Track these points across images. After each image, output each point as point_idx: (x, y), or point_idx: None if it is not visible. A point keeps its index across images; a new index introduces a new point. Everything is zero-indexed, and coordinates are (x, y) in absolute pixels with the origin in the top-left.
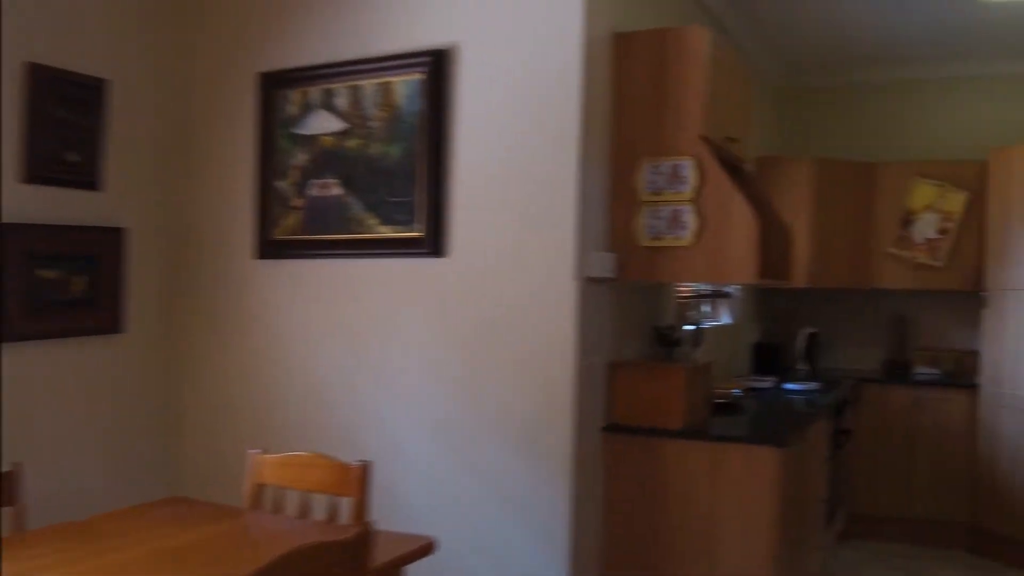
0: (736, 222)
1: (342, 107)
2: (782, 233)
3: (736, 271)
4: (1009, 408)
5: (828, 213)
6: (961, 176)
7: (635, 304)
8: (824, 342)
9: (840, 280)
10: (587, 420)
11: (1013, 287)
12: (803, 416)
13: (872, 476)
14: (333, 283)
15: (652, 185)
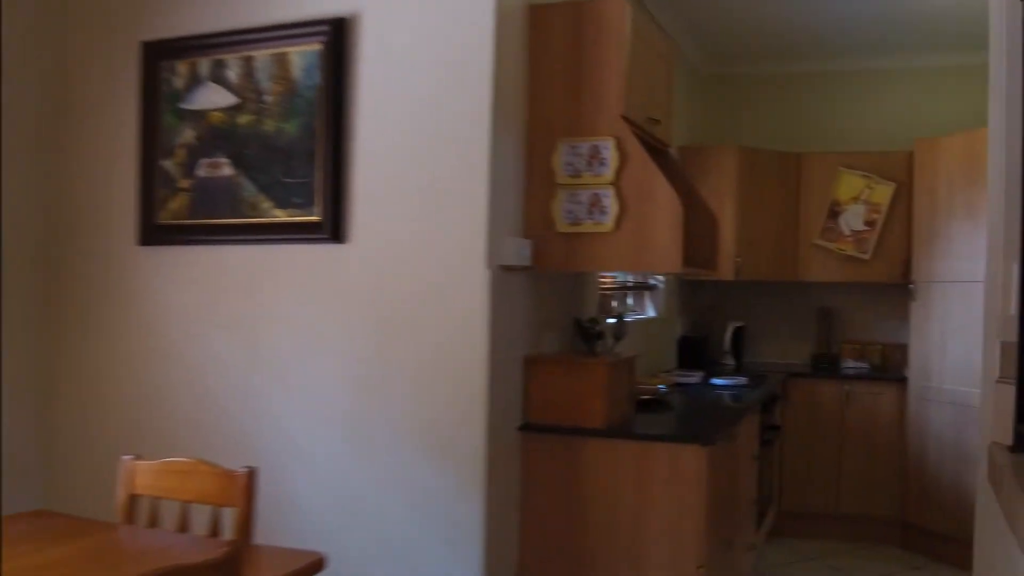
0: (660, 207)
1: (233, 80)
2: (708, 221)
3: (660, 260)
4: (936, 402)
5: (754, 204)
6: (888, 167)
7: (554, 295)
8: (751, 335)
9: (767, 272)
10: (501, 419)
11: (940, 279)
12: (731, 413)
13: (802, 472)
14: (224, 272)
15: (570, 167)
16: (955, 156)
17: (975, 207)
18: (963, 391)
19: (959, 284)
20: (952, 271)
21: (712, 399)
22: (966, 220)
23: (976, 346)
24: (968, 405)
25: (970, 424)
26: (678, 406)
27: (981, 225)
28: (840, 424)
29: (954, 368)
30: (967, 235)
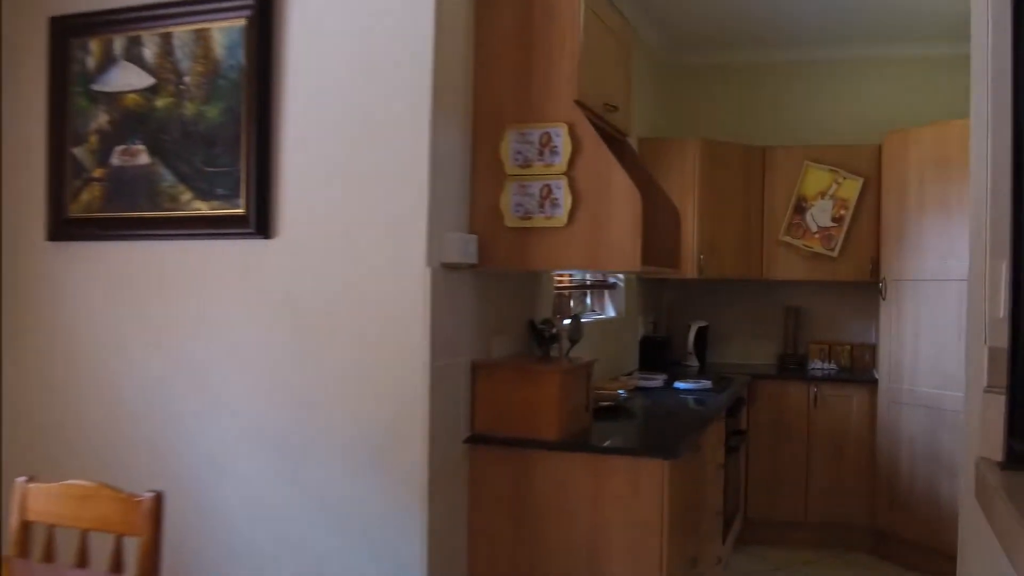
0: (617, 200)
1: (150, 59)
2: (670, 216)
3: (618, 257)
4: (908, 405)
5: (717, 200)
6: (855, 161)
7: (505, 295)
8: (715, 336)
9: (731, 270)
10: (445, 431)
11: (910, 277)
12: (695, 419)
13: (769, 478)
14: (140, 270)
15: (519, 156)
16: (926, 149)
17: (948, 202)
18: (935, 393)
19: (931, 283)
20: (923, 269)
21: (675, 405)
22: (938, 215)
23: (949, 347)
24: (941, 408)
25: (943, 428)
26: (640, 413)
27: (954, 221)
28: (808, 428)
29: (926, 370)
30: (939, 231)
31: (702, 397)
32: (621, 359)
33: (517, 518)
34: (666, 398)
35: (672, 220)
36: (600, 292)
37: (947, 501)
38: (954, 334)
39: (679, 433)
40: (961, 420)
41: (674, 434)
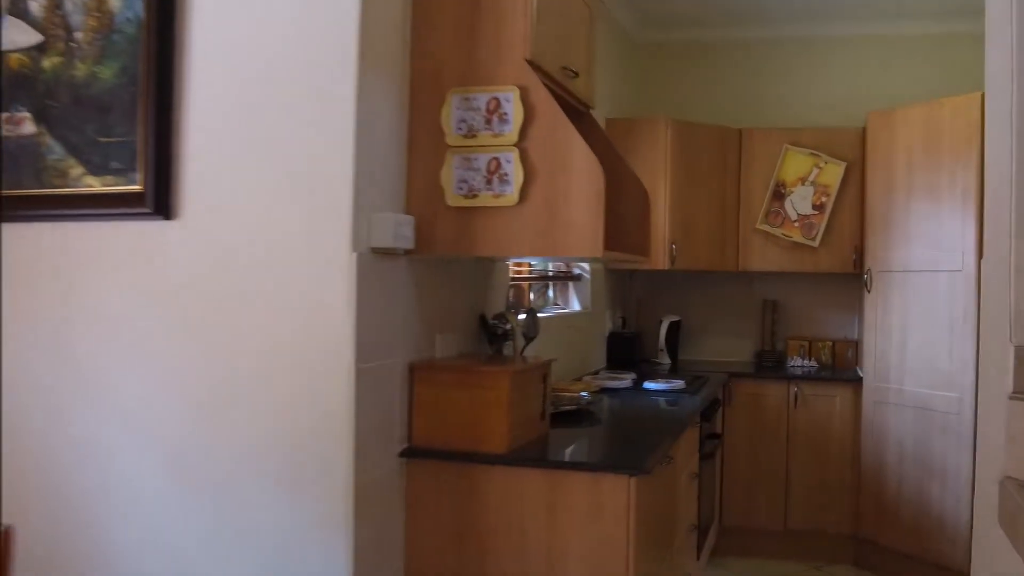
0: (576, 176)
1: (37, 12)
2: (639, 199)
3: (576, 242)
4: (895, 405)
5: (690, 185)
6: (838, 145)
7: (451, 286)
8: (688, 331)
9: (705, 261)
10: (376, 443)
11: (897, 268)
12: (666, 426)
13: (746, 485)
14: (24, 256)
15: (464, 125)
16: (914, 130)
17: (938, 187)
18: (925, 393)
19: (919, 274)
20: (911, 259)
21: (645, 409)
22: (927, 201)
23: (939, 344)
24: (931, 409)
25: (934, 430)
26: (605, 419)
27: (944, 207)
28: (788, 430)
29: (915, 368)
30: (928, 219)
31: (674, 399)
32: (587, 357)
33: (462, 541)
34: (635, 400)
35: (641, 204)
36: (564, 284)
37: (937, 509)
38: (945, 329)
39: (648, 443)
40: (953, 422)
41: (642, 445)
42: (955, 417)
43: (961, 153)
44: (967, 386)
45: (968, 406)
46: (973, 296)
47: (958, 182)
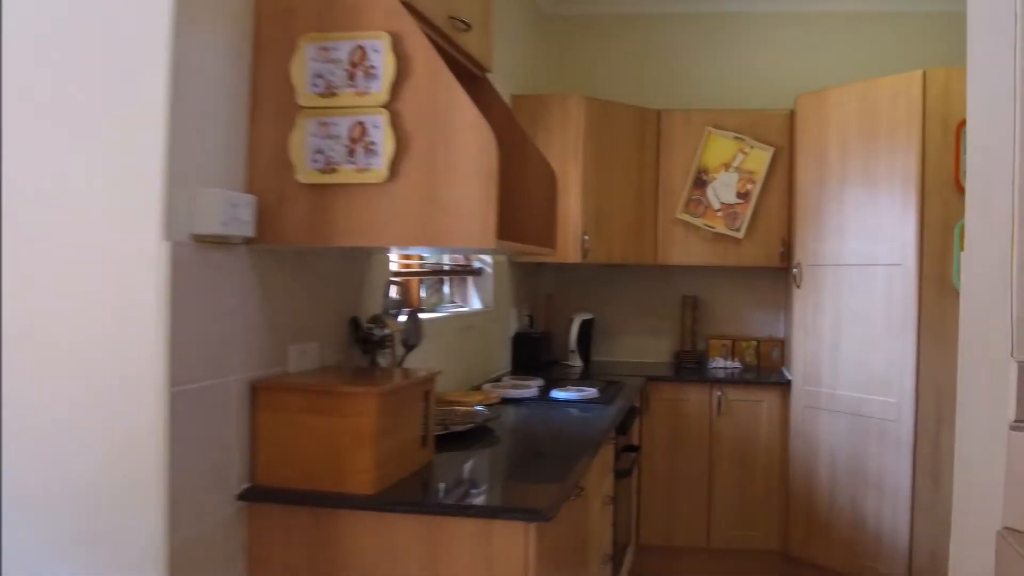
0: (462, 147)
1: None
2: (544, 181)
3: (462, 229)
4: (827, 411)
5: (604, 170)
6: (764, 128)
7: (311, 284)
8: (602, 331)
9: (620, 254)
10: (202, 486)
11: (829, 262)
12: (576, 447)
13: (665, 499)
14: None
15: (320, 81)
16: (848, 112)
17: (874, 173)
18: (860, 398)
19: (854, 268)
20: (844, 252)
21: (552, 424)
22: (863, 189)
23: (876, 344)
24: (867, 415)
25: (869, 438)
26: (505, 439)
27: (881, 195)
28: (710, 438)
29: (848, 371)
30: (864, 208)
31: (587, 410)
32: (489, 361)
33: None
34: (541, 413)
35: (547, 188)
36: (463, 279)
37: (874, 523)
38: (882, 329)
39: (553, 473)
40: (891, 429)
41: (546, 475)
42: (892, 424)
43: (900, 137)
44: (906, 390)
45: (907, 412)
46: (913, 292)
47: (896, 168)
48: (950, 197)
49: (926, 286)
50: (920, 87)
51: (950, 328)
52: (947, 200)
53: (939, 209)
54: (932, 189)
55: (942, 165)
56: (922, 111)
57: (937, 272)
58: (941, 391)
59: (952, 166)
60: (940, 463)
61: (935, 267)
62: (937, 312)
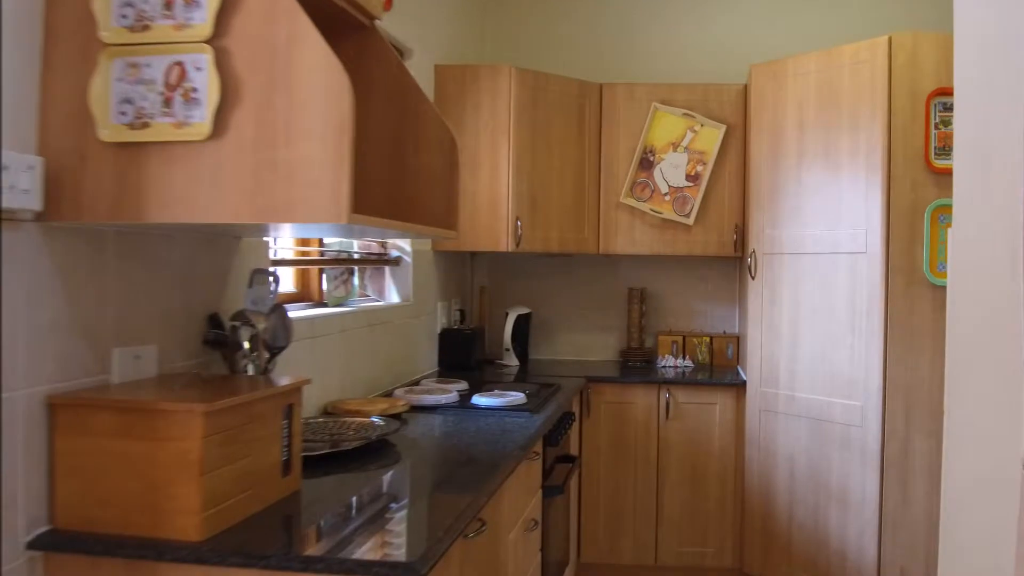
0: (309, 96)
1: None
2: (441, 150)
3: (306, 199)
4: (786, 415)
5: (540, 150)
6: (716, 103)
7: (148, 271)
8: (540, 327)
9: (558, 242)
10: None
11: (787, 250)
12: (488, 467)
13: (610, 514)
14: None
15: (129, 11)
16: (806, 84)
17: (837, 151)
18: (822, 401)
19: (815, 256)
20: (804, 239)
21: (465, 437)
22: (824, 169)
23: (840, 341)
24: (829, 420)
25: (831, 444)
26: (404, 458)
27: (844, 175)
28: (658, 445)
29: (809, 370)
30: (825, 190)
31: (511, 418)
32: (409, 362)
33: None
34: (455, 424)
35: (446, 158)
36: (379, 270)
37: (837, 538)
38: (845, 325)
39: (447, 505)
40: (856, 436)
41: (439, 508)
42: (857, 430)
43: (863, 110)
44: (872, 392)
45: (873, 416)
46: (879, 283)
47: (860, 145)
48: (920, 177)
49: (893, 276)
50: (885, 55)
51: (920, 323)
52: (916, 180)
53: (907, 190)
54: (900, 168)
55: (910, 141)
56: (888, 81)
57: (906, 261)
58: (911, 392)
59: (922, 142)
60: (910, 472)
61: (903, 255)
62: (905, 305)
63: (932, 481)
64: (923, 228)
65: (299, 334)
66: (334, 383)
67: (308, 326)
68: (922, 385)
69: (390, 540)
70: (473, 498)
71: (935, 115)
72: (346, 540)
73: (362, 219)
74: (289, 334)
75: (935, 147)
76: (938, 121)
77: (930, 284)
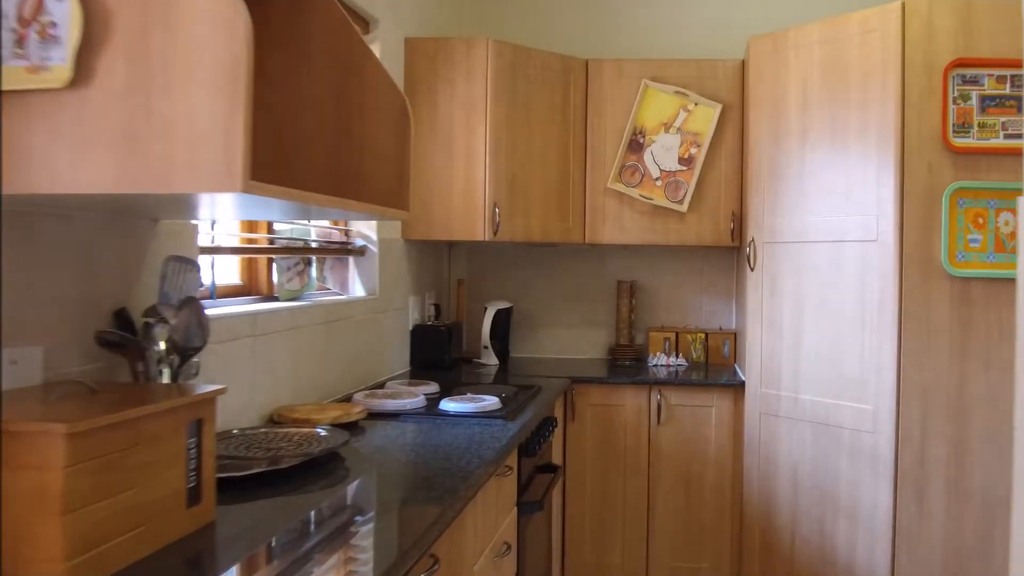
0: (191, 30)
1: None
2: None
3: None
4: (789, 419)
5: (521, 130)
6: (711, 80)
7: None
8: (525, 322)
9: (541, 230)
10: None
11: (790, 238)
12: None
13: (598, 525)
14: None
15: None
16: (811, 56)
17: (844, 129)
18: (829, 404)
19: (819, 246)
20: (808, 227)
21: (427, 449)
22: (830, 150)
23: (847, 338)
24: (837, 425)
25: (839, 451)
26: (352, 477)
27: (854, 156)
28: (650, 451)
29: (814, 371)
30: (832, 172)
31: (482, 426)
32: (375, 362)
33: None
34: (418, 433)
35: (393, 124)
36: (341, 261)
37: (845, 554)
38: (855, 321)
39: (395, 539)
40: (866, 443)
41: (383, 542)
42: (869, 436)
43: (874, 84)
44: (884, 394)
45: (886, 421)
46: (892, 275)
47: (871, 122)
48: (937, 157)
49: (908, 267)
50: (898, 23)
51: (937, 318)
52: (933, 161)
53: (923, 172)
54: (914, 148)
55: (926, 118)
56: (901, 52)
57: (921, 250)
58: (928, 395)
59: (939, 119)
60: (926, 483)
61: (919, 244)
62: (921, 299)
63: (951, 493)
64: (940, 213)
65: (239, 332)
66: (283, 387)
67: (249, 323)
68: (939, 387)
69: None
70: (425, 531)
71: (953, 89)
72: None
73: (266, 188)
74: (205, 332)
75: (953, 124)
76: (956, 96)
77: (948, 275)
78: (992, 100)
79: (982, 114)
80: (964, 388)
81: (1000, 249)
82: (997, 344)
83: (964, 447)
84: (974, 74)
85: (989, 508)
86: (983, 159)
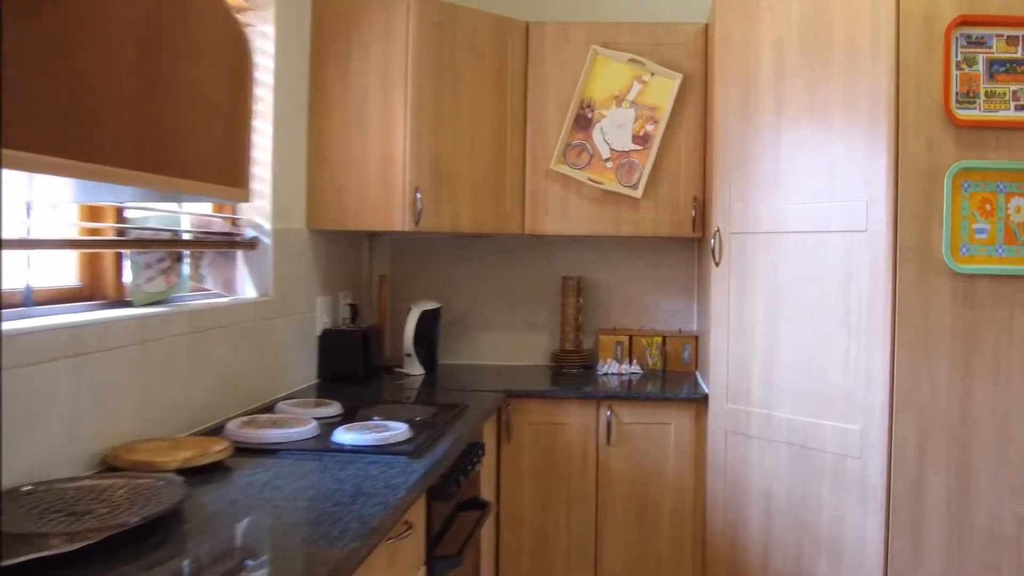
0: None
1: None
2: (222, 56)
3: None
4: (760, 440)
5: (448, 102)
6: (670, 47)
7: None
8: (456, 324)
9: (471, 220)
10: None
11: (762, 228)
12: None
13: (536, 566)
14: None
15: None
16: (788, 16)
17: (826, 100)
18: (807, 423)
19: (796, 236)
20: (784, 215)
21: (299, 505)
22: (811, 126)
23: (830, 345)
24: (818, 448)
25: (819, 479)
26: (183, 554)
27: (838, 132)
28: (598, 477)
29: (791, 383)
30: (812, 150)
31: (379, 467)
32: (268, 377)
33: None
34: (296, 478)
35: (225, 65)
36: (226, 256)
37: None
38: (839, 324)
39: None
40: (853, 469)
41: None
42: (855, 461)
43: (863, 46)
44: (874, 412)
45: (876, 445)
46: (884, 270)
47: (859, 92)
48: (938, 132)
49: (903, 262)
50: None
51: (937, 321)
52: (933, 136)
53: (921, 149)
54: (911, 121)
55: (925, 86)
56: (896, 6)
57: (919, 241)
58: (926, 411)
59: (940, 87)
60: (923, 517)
61: (916, 234)
62: (919, 298)
63: (952, 528)
64: (942, 198)
65: (54, 352)
66: (124, 419)
67: (70, 338)
68: (939, 402)
69: None
70: None
71: (956, 52)
72: None
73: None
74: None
75: (957, 93)
76: (961, 59)
77: (950, 272)
78: (1002, 65)
79: (990, 81)
80: (968, 404)
81: (1011, 241)
82: (1007, 352)
83: (967, 475)
84: (981, 34)
85: (995, 547)
86: (991, 134)
